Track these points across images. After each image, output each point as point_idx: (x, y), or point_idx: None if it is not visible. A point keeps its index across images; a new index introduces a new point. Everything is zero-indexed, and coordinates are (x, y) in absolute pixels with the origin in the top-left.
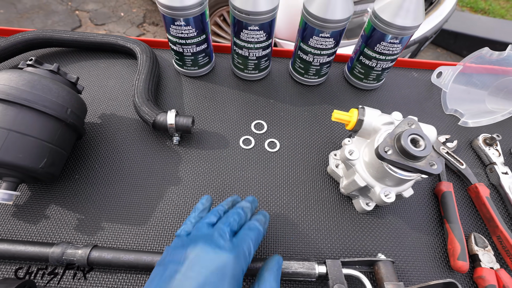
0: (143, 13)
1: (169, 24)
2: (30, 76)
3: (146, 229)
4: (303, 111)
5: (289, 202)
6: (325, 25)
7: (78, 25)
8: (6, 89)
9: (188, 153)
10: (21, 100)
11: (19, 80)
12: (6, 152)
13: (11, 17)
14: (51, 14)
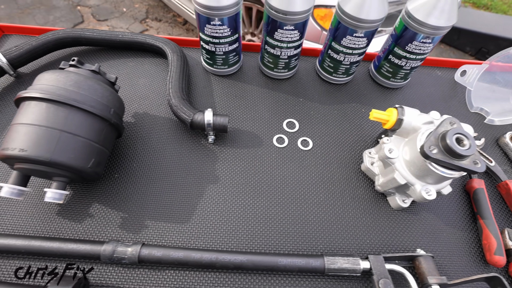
0: (146, 9)
1: (204, 23)
2: (76, 77)
3: (189, 227)
4: (332, 109)
5: (325, 200)
6: (360, 24)
7: (80, 20)
8: (55, 90)
9: (223, 152)
10: (71, 101)
11: (67, 81)
12: (60, 153)
13: (13, 13)
14: (53, 9)
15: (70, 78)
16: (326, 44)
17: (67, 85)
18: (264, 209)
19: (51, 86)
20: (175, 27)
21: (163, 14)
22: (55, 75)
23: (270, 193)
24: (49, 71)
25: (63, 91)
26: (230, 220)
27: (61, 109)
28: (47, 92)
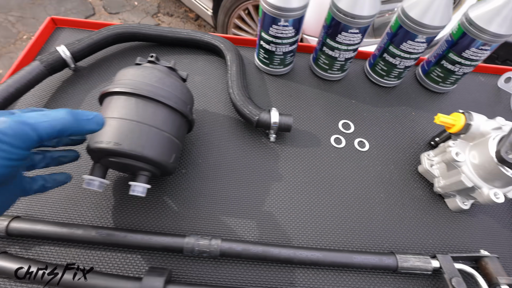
0: (157, 3)
1: (270, 23)
2: (159, 74)
3: (256, 222)
4: (383, 112)
5: (386, 199)
6: (422, 29)
7: (92, 13)
8: (144, 86)
9: (284, 150)
10: (159, 97)
11: (152, 77)
12: (150, 148)
13: (23, 3)
14: (64, 1)
15: (154, 74)
16: (381, 48)
17: (152, 81)
18: (328, 207)
19: (139, 82)
20: (187, 22)
21: (175, 9)
22: (140, 71)
23: (332, 191)
24: (133, 67)
25: (150, 87)
26: (296, 217)
27: (150, 105)
28: (137, 88)
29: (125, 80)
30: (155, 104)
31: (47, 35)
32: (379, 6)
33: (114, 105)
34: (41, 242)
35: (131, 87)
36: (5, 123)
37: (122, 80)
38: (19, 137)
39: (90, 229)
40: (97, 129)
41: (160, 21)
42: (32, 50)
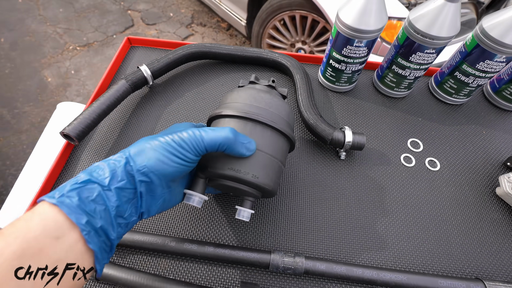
0: (191, 14)
1: (345, 44)
2: (267, 97)
3: (332, 239)
4: (452, 130)
5: (463, 222)
6: (503, 49)
7: (131, 24)
8: (258, 111)
9: (354, 169)
10: (271, 123)
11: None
12: (275, 183)
13: (70, 16)
14: (106, 13)
15: (262, 97)
16: (451, 66)
17: (262, 104)
18: (404, 227)
19: (250, 105)
20: (219, 32)
21: (208, 20)
22: (248, 94)
23: (407, 212)
24: (240, 90)
25: (263, 112)
26: (372, 236)
27: (269, 133)
28: (252, 113)
29: (249, 105)
30: (279, 136)
31: (124, 54)
32: (459, 26)
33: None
34: (134, 251)
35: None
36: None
37: (246, 104)
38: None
39: (181, 242)
40: (246, 155)
41: (193, 31)
42: (112, 68)
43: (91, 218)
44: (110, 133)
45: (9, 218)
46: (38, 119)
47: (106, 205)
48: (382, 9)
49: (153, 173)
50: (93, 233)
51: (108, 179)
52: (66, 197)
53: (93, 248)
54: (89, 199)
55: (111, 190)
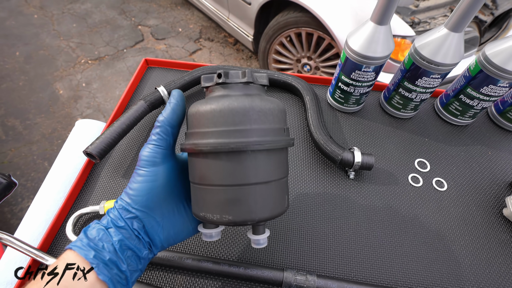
0: (199, 29)
1: (353, 69)
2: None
3: (342, 258)
4: (458, 151)
5: (471, 242)
6: (503, 75)
7: (141, 39)
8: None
9: (363, 188)
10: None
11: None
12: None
13: (83, 31)
14: (117, 28)
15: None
16: (456, 89)
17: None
18: (412, 246)
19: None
20: (226, 47)
21: (215, 35)
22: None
23: (415, 231)
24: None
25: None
26: (381, 255)
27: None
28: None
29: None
30: (262, 154)
31: (141, 74)
32: (462, 53)
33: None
34: (151, 267)
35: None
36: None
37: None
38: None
39: (198, 259)
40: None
41: (201, 45)
42: (131, 88)
43: (98, 252)
44: (128, 151)
45: (30, 233)
46: (49, 130)
47: (111, 240)
48: (389, 38)
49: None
50: (102, 265)
51: (107, 220)
52: (79, 240)
53: (103, 279)
54: (96, 238)
55: (112, 228)
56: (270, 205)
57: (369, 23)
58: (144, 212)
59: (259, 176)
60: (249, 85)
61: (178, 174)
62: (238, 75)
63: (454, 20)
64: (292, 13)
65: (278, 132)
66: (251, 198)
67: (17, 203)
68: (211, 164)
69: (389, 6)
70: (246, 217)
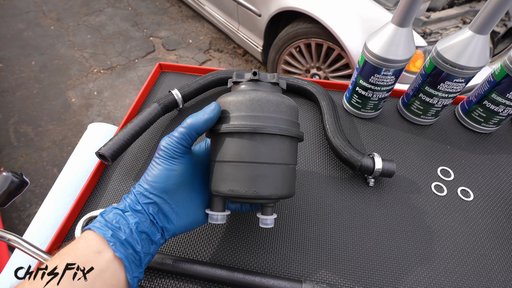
0: (209, 40)
1: (372, 73)
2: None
3: (364, 269)
4: (483, 159)
5: (503, 257)
6: None
7: (152, 50)
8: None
9: (384, 196)
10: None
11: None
12: (283, 187)
13: (97, 42)
14: (130, 39)
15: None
16: (479, 94)
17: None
18: (439, 259)
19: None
20: (235, 57)
21: (224, 46)
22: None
23: (441, 243)
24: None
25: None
26: (406, 268)
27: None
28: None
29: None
30: (273, 138)
31: (155, 78)
32: (488, 57)
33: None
34: (162, 275)
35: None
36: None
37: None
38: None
39: (211, 267)
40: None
41: (211, 56)
42: (144, 91)
43: (115, 232)
44: (140, 154)
45: (38, 236)
46: (60, 137)
47: (128, 222)
48: (411, 40)
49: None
50: (119, 244)
51: (124, 204)
52: (97, 221)
53: (120, 256)
54: (113, 221)
55: (129, 211)
56: (288, 185)
57: (389, 25)
58: (160, 198)
59: (285, 159)
60: (274, 86)
61: (194, 166)
62: (267, 76)
63: (480, 21)
64: (302, 24)
65: (297, 126)
66: (277, 176)
67: (25, 209)
68: (247, 143)
69: (412, 8)
70: (271, 192)
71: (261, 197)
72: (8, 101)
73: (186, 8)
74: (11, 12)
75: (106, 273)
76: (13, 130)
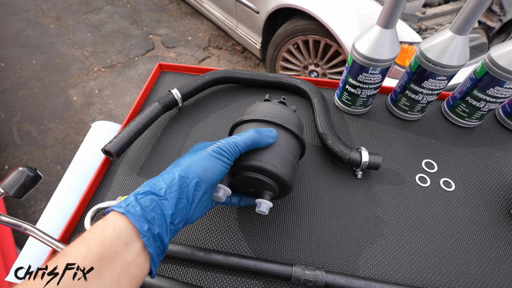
0: (208, 38)
1: (360, 71)
2: (284, 109)
3: (350, 255)
4: (465, 152)
5: (479, 242)
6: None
7: (152, 47)
8: (281, 119)
9: (371, 188)
10: (292, 127)
11: (283, 111)
12: (291, 176)
13: (96, 40)
14: (129, 37)
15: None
16: (462, 91)
17: (276, 112)
18: (420, 245)
19: (279, 115)
20: (234, 54)
21: (223, 43)
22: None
23: (423, 230)
24: (257, 103)
25: (278, 117)
26: (390, 253)
27: (285, 134)
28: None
29: (267, 112)
30: (292, 136)
31: (155, 78)
32: (468, 56)
33: None
34: (165, 260)
35: (281, 120)
36: (223, 142)
37: (264, 111)
38: (232, 150)
39: (209, 252)
40: (272, 142)
41: (210, 53)
42: (145, 91)
43: (151, 225)
44: (143, 150)
45: (52, 224)
46: (62, 135)
47: (163, 213)
48: (395, 41)
49: (203, 182)
50: (152, 239)
51: (163, 190)
52: (132, 206)
53: (151, 252)
54: (149, 208)
55: (167, 200)
56: (286, 168)
57: (375, 27)
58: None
59: (284, 145)
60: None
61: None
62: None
63: (459, 23)
64: (300, 21)
65: (299, 130)
66: (288, 163)
67: (30, 206)
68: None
69: (395, 11)
70: (283, 171)
71: (276, 175)
72: (10, 100)
73: (184, 6)
74: (11, 11)
75: (133, 265)
76: (16, 128)
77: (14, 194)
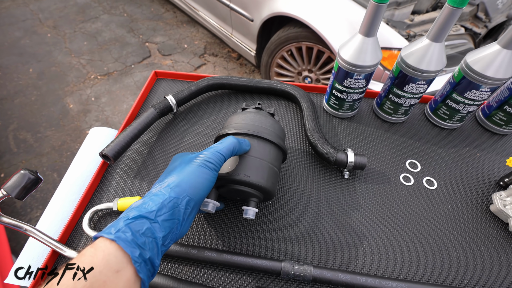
0: (204, 45)
1: (345, 77)
2: (261, 116)
3: (338, 251)
4: (447, 152)
5: (459, 237)
6: (485, 80)
7: (148, 55)
8: (256, 128)
9: (357, 187)
10: (268, 136)
11: (255, 119)
12: (268, 181)
13: (93, 48)
14: (126, 45)
15: (258, 117)
16: (443, 95)
17: (260, 122)
18: (404, 240)
19: (250, 124)
20: (230, 61)
21: (219, 50)
22: (247, 116)
23: (406, 226)
24: (240, 113)
25: (262, 129)
26: (375, 248)
27: (262, 143)
28: (255, 130)
29: (239, 124)
30: (265, 142)
31: (151, 85)
32: (445, 61)
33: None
34: None
35: (251, 130)
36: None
37: (236, 124)
38: (217, 159)
39: (202, 250)
40: (247, 150)
41: (206, 60)
42: (142, 97)
43: (142, 250)
44: (139, 154)
45: (50, 227)
46: (58, 143)
47: (155, 236)
48: (377, 48)
49: (193, 200)
50: (143, 264)
51: (154, 212)
52: (122, 232)
53: (142, 277)
54: (139, 232)
55: (158, 223)
56: (271, 181)
57: (358, 36)
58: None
59: (272, 160)
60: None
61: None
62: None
63: (434, 31)
64: (293, 28)
65: (280, 140)
66: (264, 170)
67: (26, 213)
68: None
69: (374, 21)
70: (258, 180)
71: (250, 183)
72: (7, 108)
73: (180, 14)
74: (8, 21)
75: None
76: (13, 136)
77: (16, 196)
